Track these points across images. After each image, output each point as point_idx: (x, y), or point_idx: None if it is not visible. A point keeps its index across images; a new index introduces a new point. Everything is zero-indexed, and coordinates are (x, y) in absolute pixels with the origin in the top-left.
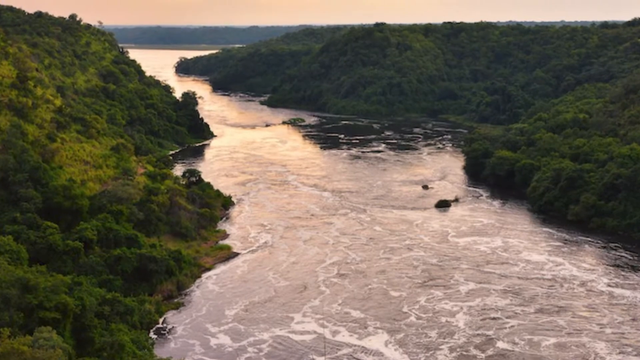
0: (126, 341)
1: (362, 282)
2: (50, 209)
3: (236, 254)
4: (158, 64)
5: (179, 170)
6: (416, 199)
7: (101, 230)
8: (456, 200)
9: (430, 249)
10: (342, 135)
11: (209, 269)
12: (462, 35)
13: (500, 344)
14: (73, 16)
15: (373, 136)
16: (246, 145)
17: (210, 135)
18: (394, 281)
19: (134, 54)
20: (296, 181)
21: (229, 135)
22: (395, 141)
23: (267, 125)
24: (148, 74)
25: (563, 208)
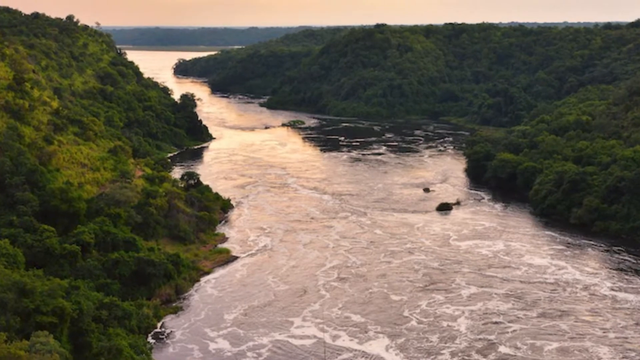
0: (124, 346)
1: (363, 286)
2: (47, 212)
3: (235, 258)
4: (156, 66)
5: (177, 173)
6: (417, 202)
7: (99, 233)
8: (458, 203)
9: (432, 253)
10: (343, 138)
11: (207, 273)
12: (464, 37)
13: (502, 349)
14: (70, 17)
15: (373, 138)
16: (245, 148)
17: (209, 137)
18: (395, 285)
19: (132, 56)
20: (296, 184)
21: (228, 137)
22: (396, 143)
23: (267, 128)
24: (146, 75)
25: (566, 211)
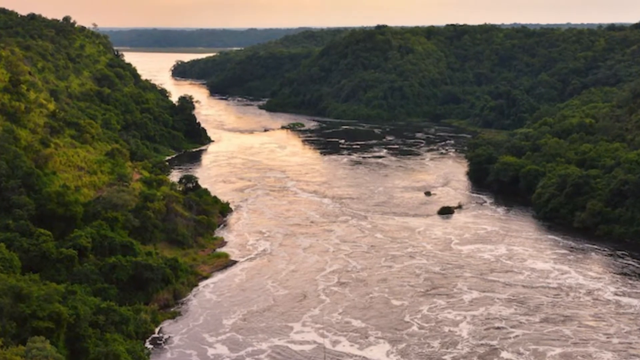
0: (121, 351)
1: (363, 291)
2: (43, 215)
3: (234, 262)
4: (154, 68)
5: (175, 176)
6: (418, 205)
7: (96, 237)
8: (459, 206)
9: (433, 257)
10: (343, 140)
11: (206, 278)
12: (466, 38)
13: (505, 354)
14: (67, 18)
15: (374, 141)
16: (244, 151)
17: (208, 140)
18: (396, 290)
19: (129, 57)
20: (295, 187)
21: (226, 140)
22: (397, 146)
23: (266, 130)
24: (144, 77)
25: (569, 215)
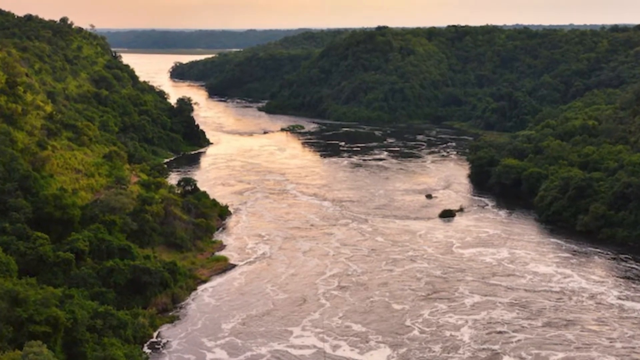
0: (119, 356)
1: (364, 295)
2: (40, 219)
3: (233, 266)
4: (152, 69)
5: (173, 179)
6: (419, 208)
7: (93, 241)
8: (461, 210)
9: (434, 261)
10: (343, 143)
11: (205, 281)
12: (467, 39)
13: (507, 359)
14: (64, 19)
15: (375, 143)
16: (243, 153)
17: (206, 142)
18: (397, 294)
19: (127, 59)
20: (295, 190)
21: (225, 142)
22: (397, 149)
23: (265, 132)
24: (142, 79)
25: (571, 218)
